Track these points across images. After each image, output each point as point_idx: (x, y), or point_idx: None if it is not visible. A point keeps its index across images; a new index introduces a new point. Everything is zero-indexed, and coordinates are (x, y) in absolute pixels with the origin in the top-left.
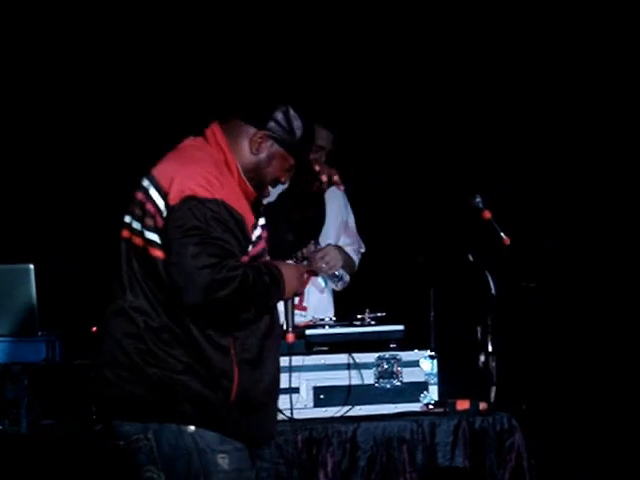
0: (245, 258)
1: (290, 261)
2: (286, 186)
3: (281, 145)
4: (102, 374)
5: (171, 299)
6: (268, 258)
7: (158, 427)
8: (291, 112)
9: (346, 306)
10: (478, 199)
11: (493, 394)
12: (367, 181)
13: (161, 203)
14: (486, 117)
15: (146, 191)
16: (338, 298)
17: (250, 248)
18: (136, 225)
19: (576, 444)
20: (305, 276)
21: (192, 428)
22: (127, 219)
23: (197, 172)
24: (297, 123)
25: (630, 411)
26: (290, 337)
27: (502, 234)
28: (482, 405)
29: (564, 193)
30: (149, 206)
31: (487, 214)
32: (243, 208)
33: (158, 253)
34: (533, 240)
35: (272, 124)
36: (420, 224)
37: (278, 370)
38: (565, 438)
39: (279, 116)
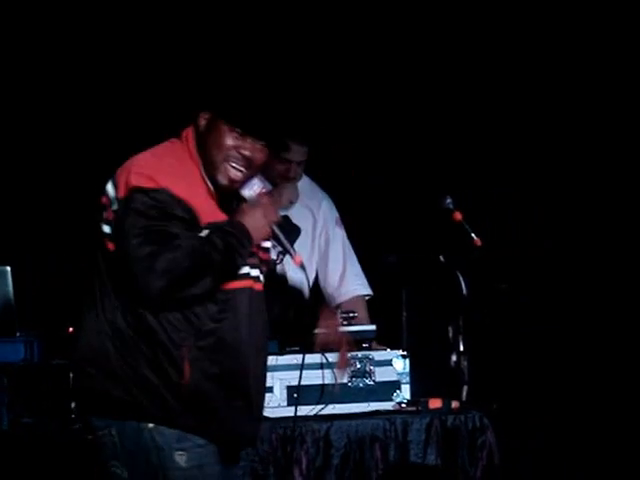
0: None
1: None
2: None
3: (221, 116)
4: (83, 369)
5: (125, 292)
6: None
7: (120, 423)
8: (238, 90)
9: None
10: (449, 200)
11: (465, 393)
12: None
13: (112, 196)
14: (485, 118)
15: (106, 188)
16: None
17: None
18: (106, 228)
19: (547, 442)
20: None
21: (151, 425)
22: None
23: (148, 162)
24: (237, 96)
25: (601, 408)
26: (297, 259)
27: (473, 235)
28: (454, 404)
29: (562, 194)
30: (104, 200)
31: (458, 215)
32: (197, 201)
33: (111, 246)
34: (532, 240)
35: (214, 103)
36: (392, 225)
37: (258, 378)
38: (536, 436)
39: (222, 95)
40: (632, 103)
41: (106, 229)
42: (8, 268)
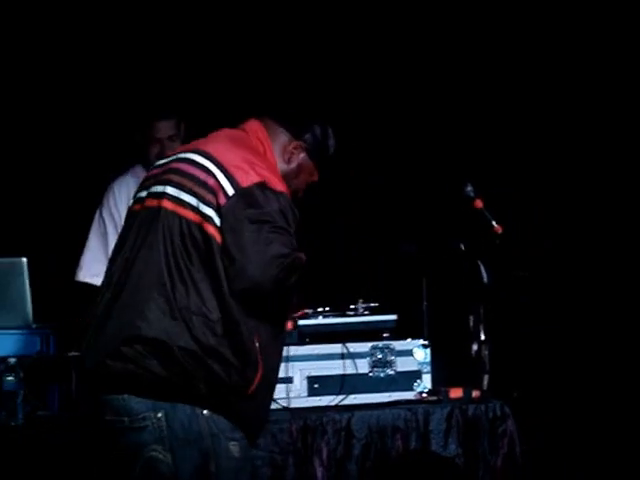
0: None
1: None
2: None
3: (312, 159)
4: (116, 349)
5: (217, 279)
6: None
7: (170, 407)
8: (329, 129)
9: (340, 296)
10: (469, 188)
11: (486, 382)
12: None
13: (225, 182)
14: (485, 118)
15: (204, 168)
16: (332, 288)
17: None
18: (188, 199)
19: (568, 430)
20: None
21: (207, 412)
22: (165, 189)
23: (262, 160)
24: (331, 141)
25: (622, 398)
26: (289, 324)
27: (494, 223)
28: (475, 393)
29: (562, 194)
30: (213, 184)
31: (479, 203)
32: None
33: (212, 230)
34: (533, 240)
35: (309, 136)
36: (412, 214)
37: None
38: (557, 424)
39: (317, 130)
40: (632, 103)
41: (209, 212)
42: (24, 259)
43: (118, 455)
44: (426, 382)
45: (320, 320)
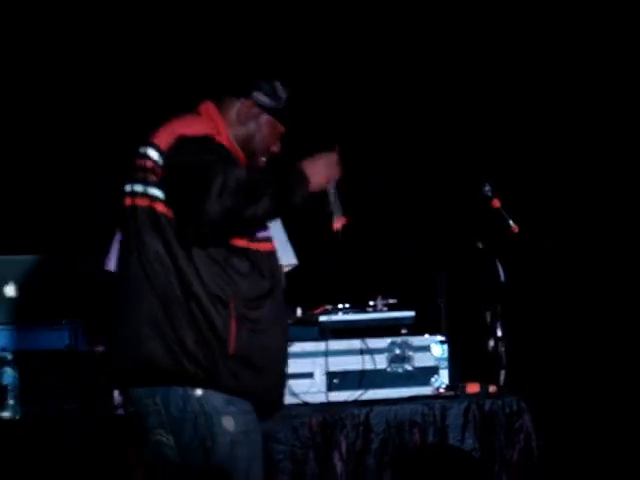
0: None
1: None
2: None
3: (268, 112)
4: (125, 336)
5: (174, 254)
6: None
7: (165, 391)
8: (275, 80)
9: (359, 293)
10: (487, 187)
11: (502, 377)
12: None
13: (156, 155)
14: (484, 119)
15: (143, 153)
16: (351, 285)
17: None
18: (137, 188)
19: (583, 425)
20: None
21: (199, 392)
22: (127, 188)
23: (186, 123)
24: (280, 89)
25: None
26: (338, 223)
27: (511, 222)
28: (492, 388)
29: (562, 193)
30: (148, 163)
31: (496, 202)
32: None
33: (162, 208)
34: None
35: (256, 92)
36: (431, 211)
37: (285, 340)
38: (573, 420)
39: (262, 83)
40: (632, 103)
41: (155, 192)
42: (54, 256)
43: (139, 442)
44: (443, 377)
45: (340, 316)
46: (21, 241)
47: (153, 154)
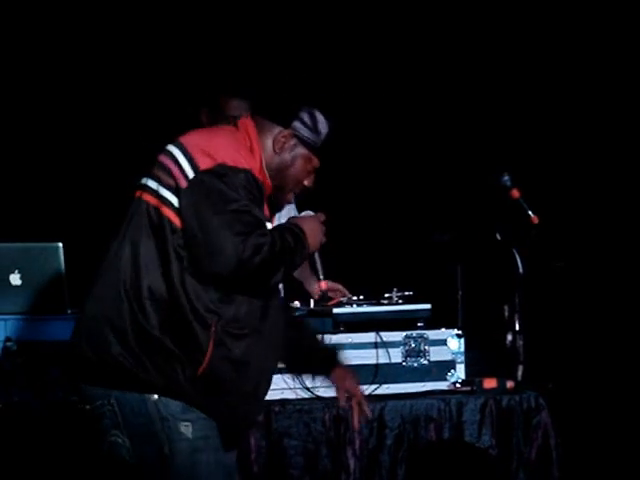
0: None
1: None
2: None
3: (305, 145)
4: (88, 333)
5: (167, 262)
6: None
7: (120, 393)
8: (317, 112)
9: (374, 285)
10: (506, 177)
11: (520, 373)
12: (399, 156)
13: (187, 166)
14: (484, 119)
15: (171, 155)
16: (366, 277)
17: None
18: (151, 184)
19: (604, 422)
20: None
21: (155, 396)
22: (143, 180)
23: (226, 144)
24: (322, 123)
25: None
26: (323, 284)
27: (530, 213)
28: (509, 383)
29: (563, 193)
30: (174, 168)
31: (515, 192)
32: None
33: (168, 212)
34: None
35: (297, 123)
36: (449, 203)
37: (267, 377)
38: (593, 416)
39: (305, 115)
40: (632, 103)
41: (168, 195)
42: (60, 244)
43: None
44: (460, 372)
45: (354, 309)
46: (27, 228)
47: (185, 165)
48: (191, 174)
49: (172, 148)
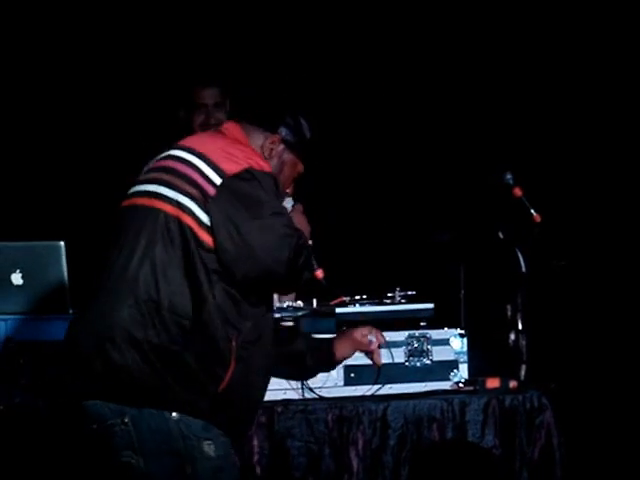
0: None
1: None
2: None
3: (292, 150)
4: (100, 346)
5: (193, 274)
6: None
7: (137, 412)
8: (300, 117)
9: (376, 285)
10: (509, 176)
11: (523, 372)
12: (398, 156)
13: (212, 173)
14: (484, 119)
15: (189, 162)
16: (368, 276)
17: None
18: (165, 191)
19: (607, 422)
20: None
21: (175, 415)
22: (151, 188)
23: (242, 148)
24: (305, 127)
25: None
26: (319, 273)
27: (533, 211)
28: (512, 383)
29: (563, 193)
30: (196, 176)
31: (518, 191)
32: None
33: (192, 223)
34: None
35: (283, 128)
36: (450, 201)
37: (268, 378)
38: (596, 416)
39: (290, 120)
40: (635, 102)
41: (190, 204)
42: (62, 243)
43: (94, 462)
44: (463, 372)
45: (357, 308)
46: (29, 227)
47: (209, 172)
48: (218, 180)
49: (187, 155)
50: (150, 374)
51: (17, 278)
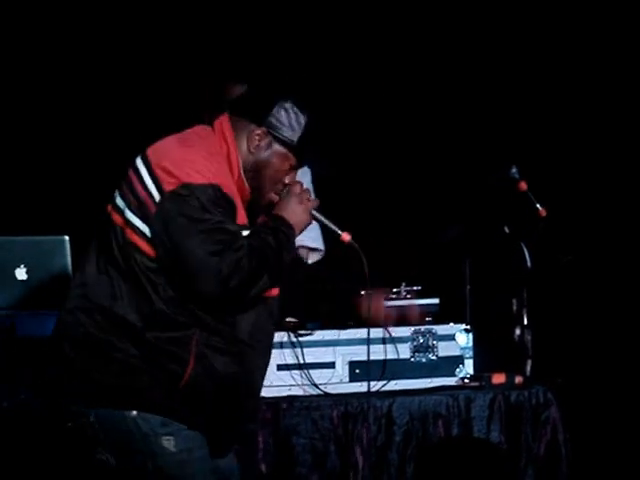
0: None
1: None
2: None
3: (281, 143)
4: (64, 348)
5: (141, 288)
6: None
7: (98, 411)
8: (293, 107)
9: (382, 280)
10: (514, 170)
11: (529, 367)
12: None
13: (153, 188)
14: (484, 119)
15: (138, 172)
16: (374, 271)
17: None
18: (119, 202)
19: (613, 417)
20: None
21: (134, 412)
22: (115, 194)
23: (193, 157)
24: (298, 118)
25: None
26: (346, 236)
27: (538, 205)
28: (518, 379)
29: (563, 193)
30: (140, 190)
31: (523, 185)
32: (237, 201)
33: (135, 238)
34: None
35: (271, 119)
36: (456, 196)
37: (254, 381)
38: (602, 411)
39: (278, 111)
40: (633, 104)
41: (133, 219)
42: (66, 238)
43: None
44: (468, 367)
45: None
46: (33, 222)
47: (150, 186)
48: (157, 197)
49: (139, 164)
50: (106, 375)
51: (22, 273)
